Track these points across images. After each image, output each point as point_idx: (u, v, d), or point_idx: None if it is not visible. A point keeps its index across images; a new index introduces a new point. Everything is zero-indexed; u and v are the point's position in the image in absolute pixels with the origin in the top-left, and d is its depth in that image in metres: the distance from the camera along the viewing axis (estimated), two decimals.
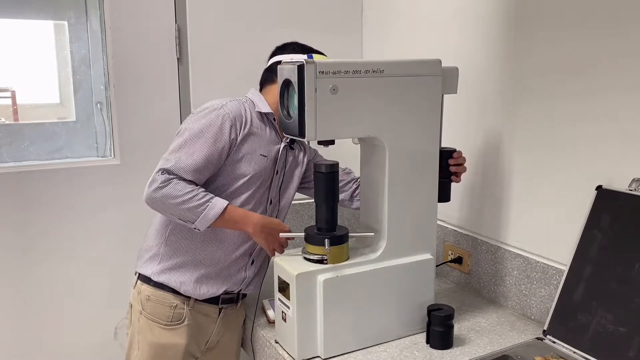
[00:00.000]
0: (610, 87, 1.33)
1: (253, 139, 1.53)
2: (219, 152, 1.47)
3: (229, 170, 1.51)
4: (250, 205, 1.54)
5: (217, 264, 1.54)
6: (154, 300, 1.53)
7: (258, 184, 1.54)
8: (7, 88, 1.96)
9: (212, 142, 1.46)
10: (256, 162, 1.52)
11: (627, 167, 1.31)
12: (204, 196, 1.43)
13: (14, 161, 1.89)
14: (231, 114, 1.49)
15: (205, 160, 1.45)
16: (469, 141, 1.75)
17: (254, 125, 1.53)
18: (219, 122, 1.47)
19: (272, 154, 1.56)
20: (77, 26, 1.94)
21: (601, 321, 1.27)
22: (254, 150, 1.52)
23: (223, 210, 1.43)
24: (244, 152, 1.51)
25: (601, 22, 1.34)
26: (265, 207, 1.59)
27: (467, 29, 1.74)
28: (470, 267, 1.78)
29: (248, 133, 1.51)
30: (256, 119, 1.55)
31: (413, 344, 1.44)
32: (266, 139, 1.55)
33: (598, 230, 1.33)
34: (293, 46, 1.66)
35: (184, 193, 1.41)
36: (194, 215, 1.42)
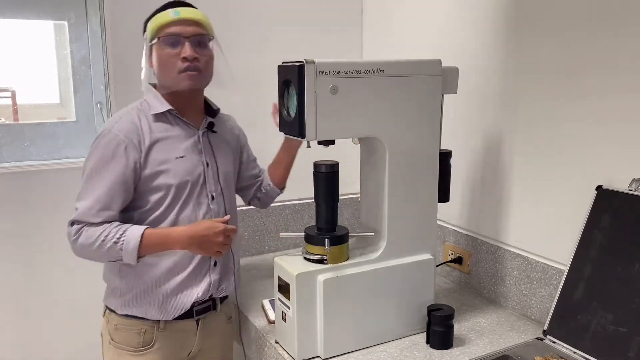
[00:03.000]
0: (610, 87, 1.33)
1: (161, 146, 1.43)
2: (123, 180, 1.39)
3: (150, 189, 1.42)
4: (189, 212, 1.46)
5: (177, 278, 1.47)
6: (122, 329, 1.47)
7: (189, 188, 1.46)
8: (7, 88, 1.96)
9: (110, 174, 1.38)
10: (176, 169, 1.43)
11: (627, 167, 1.31)
12: (116, 233, 1.37)
13: (14, 161, 1.89)
14: (121, 134, 1.39)
15: (108, 196, 1.38)
16: (469, 141, 1.75)
17: (156, 131, 1.43)
18: (110, 151, 1.38)
19: (191, 149, 1.47)
20: (77, 26, 1.94)
21: (601, 321, 1.27)
22: (167, 157, 1.43)
23: (140, 241, 1.37)
24: (156, 165, 1.42)
25: (601, 23, 1.34)
26: (208, 205, 1.50)
27: (467, 29, 1.74)
28: (470, 267, 1.78)
29: (152, 143, 1.42)
30: (157, 122, 1.44)
31: (413, 344, 1.44)
32: (178, 138, 1.46)
33: (598, 230, 1.33)
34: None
35: (96, 238, 1.36)
36: (117, 254, 1.37)
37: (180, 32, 1.40)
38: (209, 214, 1.50)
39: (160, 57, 1.42)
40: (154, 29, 1.42)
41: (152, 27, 1.42)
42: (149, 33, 1.43)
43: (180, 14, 1.40)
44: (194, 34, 1.42)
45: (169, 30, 1.40)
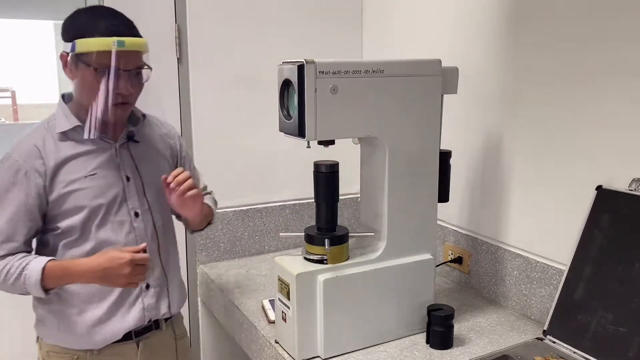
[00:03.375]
0: (610, 87, 1.33)
1: (70, 166, 1.33)
2: (25, 210, 1.30)
3: (61, 214, 1.33)
4: (109, 232, 1.37)
5: (103, 305, 1.38)
6: (54, 355, 1.41)
7: (105, 207, 1.36)
8: (7, 88, 1.96)
9: (10, 204, 1.30)
10: (87, 188, 1.33)
11: (627, 167, 1.31)
12: (18, 267, 1.29)
13: None
14: (20, 159, 1.30)
15: (10, 227, 1.30)
16: (469, 141, 1.75)
17: (63, 151, 1.33)
18: (9, 178, 1.30)
19: (106, 165, 1.36)
20: None
21: (601, 321, 1.27)
22: (76, 177, 1.33)
23: (42, 275, 1.27)
24: (63, 187, 1.32)
25: (602, 23, 1.33)
26: (131, 224, 1.40)
27: (468, 29, 1.74)
28: (470, 267, 1.78)
29: (58, 164, 1.32)
30: (65, 140, 1.34)
31: (413, 344, 1.44)
32: (90, 154, 1.35)
33: (598, 230, 1.33)
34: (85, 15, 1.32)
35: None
36: (23, 289, 1.30)
37: (121, 65, 1.27)
38: (133, 233, 1.40)
39: (87, 82, 1.29)
40: (88, 50, 1.25)
41: (87, 48, 1.25)
42: (80, 47, 1.26)
43: (125, 46, 1.26)
44: (134, 67, 1.31)
45: (108, 62, 1.26)
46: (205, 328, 2.13)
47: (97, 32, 1.26)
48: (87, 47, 1.25)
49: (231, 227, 2.09)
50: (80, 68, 1.28)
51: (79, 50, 1.26)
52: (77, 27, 1.28)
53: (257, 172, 2.12)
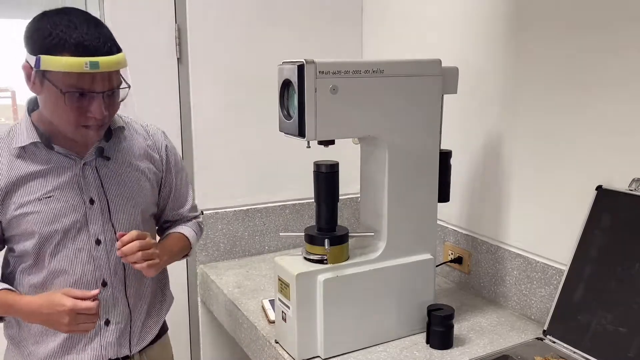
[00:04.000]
0: (610, 87, 1.33)
1: (24, 187, 1.20)
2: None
3: (13, 238, 1.23)
4: (64, 262, 1.24)
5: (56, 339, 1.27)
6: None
7: (60, 235, 1.23)
8: (7, 88, 1.96)
9: None
10: (40, 213, 1.20)
11: (627, 167, 1.31)
12: None
13: None
14: None
15: None
16: (469, 141, 1.75)
17: (18, 169, 1.20)
18: None
19: (66, 185, 1.22)
20: None
21: (601, 321, 1.27)
22: (29, 200, 1.20)
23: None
24: (15, 210, 1.20)
25: (602, 23, 1.34)
26: (90, 253, 1.26)
27: (468, 28, 1.74)
28: (470, 267, 1.78)
29: (11, 184, 1.19)
30: (22, 156, 1.21)
31: (413, 344, 1.44)
32: (49, 173, 1.21)
33: (598, 230, 1.33)
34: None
35: None
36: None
37: (95, 87, 1.12)
38: (91, 263, 1.26)
39: (53, 103, 1.13)
40: (56, 69, 1.08)
41: (54, 67, 1.08)
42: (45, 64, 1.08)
43: (99, 67, 1.09)
44: (109, 88, 1.15)
45: (79, 84, 1.10)
46: (205, 328, 2.13)
47: (66, 48, 1.08)
48: (53, 67, 1.08)
49: (231, 227, 2.09)
50: (45, 86, 1.12)
51: (44, 68, 1.09)
52: (43, 38, 1.09)
53: (257, 172, 2.12)
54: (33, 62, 1.11)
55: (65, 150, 1.23)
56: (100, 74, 1.11)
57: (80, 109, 1.13)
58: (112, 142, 1.29)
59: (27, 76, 1.15)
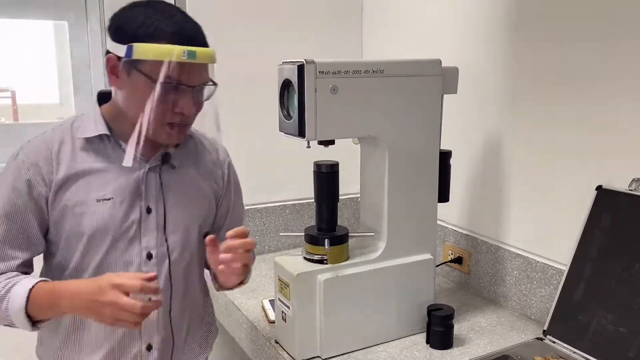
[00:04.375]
0: (610, 87, 1.33)
1: (82, 183, 1.10)
2: (23, 220, 1.08)
3: (58, 235, 1.12)
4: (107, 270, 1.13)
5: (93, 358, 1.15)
6: None
7: (109, 241, 1.12)
8: (7, 88, 1.96)
9: (6, 211, 1.08)
10: (93, 214, 1.10)
11: (627, 167, 1.31)
12: (3, 287, 1.06)
13: None
14: (27, 160, 1.08)
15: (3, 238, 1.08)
16: (469, 141, 1.75)
17: (79, 161, 1.10)
18: (10, 181, 1.08)
19: (125, 189, 1.13)
20: (77, 26, 1.94)
21: (601, 321, 1.27)
22: (84, 198, 1.10)
23: (27, 300, 1.04)
24: (68, 208, 1.09)
25: (602, 23, 1.33)
26: (139, 269, 1.15)
27: (468, 28, 1.74)
28: (470, 267, 1.78)
29: (67, 177, 1.09)
30: (86, 149, 1.12)
31: (413, 344, 1.44)
32: (110, 172, 1.12)
33: (598, 230, 1.33)
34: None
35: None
36: (7, 319, 1.07)
37: (188, 80, 1.06)
38: None
39: (141, 95, 1.05)
40: (150, 59, 1.03)
41: (148, 55, 1.03)
42: (139, 53, 1.03)
43: (197, 58, 1.04)
44: (201, 83, 1.10)
45: (173, 74, 1.03)
46: None
47: (162, 37, 1.02)
48: (148, 55, 1.02)
49: None
50: (133, 77, 1.06)
51: (137, 57, 1.03)
52: (136, 27, 1.03)
53: (257, 172, 2.12)
54: (122, 52, 1.04)
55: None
56: (195, 66, 1.06)
57: (169, 104, 1.06)
58: (178, 150, 1.20)
59: (111, 68, 1.08)
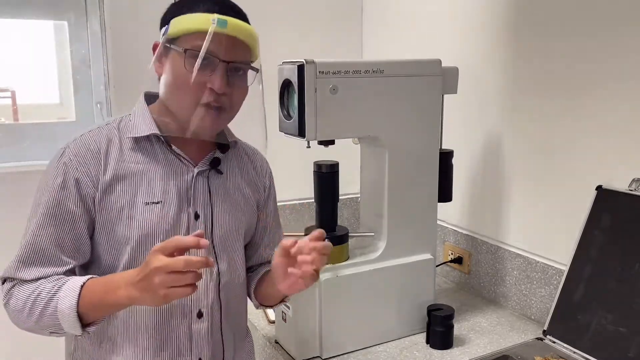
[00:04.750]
0: (610, 87, 1.33)
1: (130, 185, 1.04)
2: (72, 222, 1.01)
3: (104, 239, 1.05)
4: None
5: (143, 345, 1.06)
6: None
7: None
8: (7, 88, 1.96)
9: (54, 213, 1.01)
10: (142, 219, 1.03)
11: (627, 167, 1.31)
12: (51, 289, 0.98)
13: (14, 161, 1.89)
14: (75, 158, 1.02)
15: (49, 242, 1.01)
16: (469, 141, 1.75)
17: (128, 162, 1.04)
18: (57, 180, 1.01)
19: (175, 193, 1.06)
20: (77, 26, 1.94)
21: (601, 321, 1.27)
22: (133, 201, 1.03)
23: (78, 297, 0.96)
24: (112, 208, 1.03)
25: (602, 23, 1.34)
26: None
27: (468, 28, 1.74)
28: (470, 267, 1.78)
29: (115, 178, 1.03)
30: (135, 149, 1.06)
31: (413, 344, 1.44)
32: (159, 175, 1.06)
33: (598, 230, 1.33)
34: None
35: (26, 300, 0.99)
36: (54, 322, 0.98)
37: (218, 52, 0.99)
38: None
39: (175, 72, 1.01)
40: (183, 30, 1.00)
41: (181, 26, 1.00)
42: (173, 29, 1.00)
43: (227, 27, 0.98)
44: (235, 59, 1.02)
45: (204, 44, 0.98)
46: None
47: (195, 8, 1.00)
48: (180, 26, 0.99)
49: None
50: (170, 56, 1.01)
51: (171, 32, 1.00)
52: (173, 6, 1.03)
53: None
54: (162, 35, 1.03)
55: (182, 152, 1.08)
56: (229, 40, 0.99)
57: (200, 78, 0.99)
58: (225, 156, 1.15)
59: (156, 56, 1.04)
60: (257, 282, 1.22)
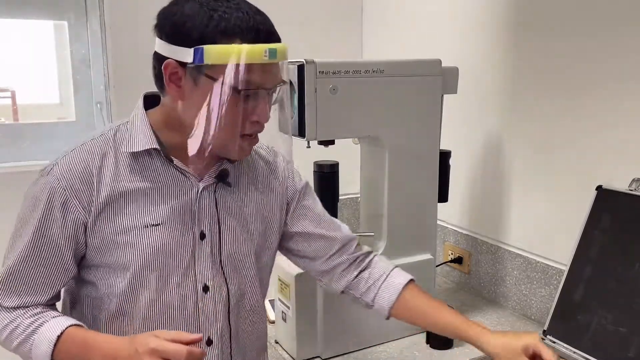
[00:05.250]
0: (610, 87, 1.33)
1: (126, 205, 0.94)
2: (55, 250, 0.93)
3: (97, 265, 0.96)
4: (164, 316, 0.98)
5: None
6: None
7: (162, 274, 0.96)
8: (7, 88, 1.96)
9: (36, 240, 0.92)
10: (141, 243, 0.94)
11: (627, 167, 1.31)
12: (26, 327, 0.92)
13: (14, 161, 1.89)
14: (63, 179, 0.91)
15: (28, 268, 0.93)
16: (469, 141, 1.75)
17: (124, 180, 0.94)
18: (41, 203, 0.92)
19: (178, 212, 0.96)
20: (77, 26, 1.94)
21: (601, 321, 1.26)
22: (132, 224, 0.94)
23: (53, 347, 0.89)
24: (107, 233, 0.93)
25: (601, 24, 1.33)
26: (196, 305, 0.99)
27: (468, 28, 1.74)
28: (470, 267, 1.78)
29: (110, 198, 0.93)
30: (132, 164, 0.95)
31: (413, 344, 1.43)
32: (159, 192, 0.96)
33: (598, 230, 1.33)
34: None
35: (2, 328, 0.93)
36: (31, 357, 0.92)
37: (265, 83, 0.91)
38: (198, 316, 0.99)
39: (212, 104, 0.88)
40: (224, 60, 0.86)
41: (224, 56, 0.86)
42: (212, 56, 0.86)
43: (277, 57, 0.91)
44: (276, 83, 0.94)
45: (254, 78, 0.88)
46: None
47: (237, 34, 0.87)
48: (224, 58, 0.86)
49: None
50: (202, 85, 0.88)
51: (209, 61, 0.86)
52: (203, 25, 0.86)
53: None
54: (187, 56, 0.87)
55: (185, 166, 0.97)
56: (272, 67, 0.91)
57: (247, 113, 0.90)
58: (234, 165, 1.03)
59: (171, 76, 0.90)
60: (405, 298, 1.13)
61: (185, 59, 0.88)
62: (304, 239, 1.15)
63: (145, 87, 2.00)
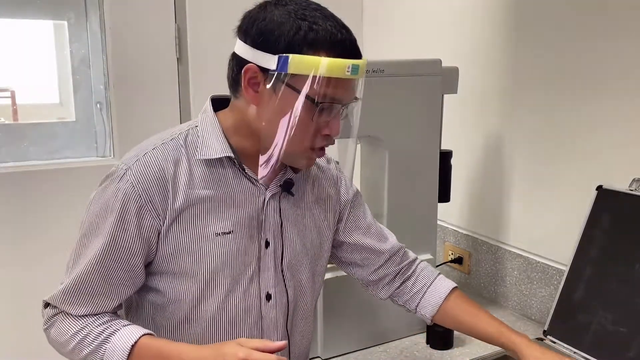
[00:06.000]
0: (610, 87, 1.33)
1: (199, 212, 0.94)
2: (127, 257, 0.92)
3: (165, 272, 0.95)
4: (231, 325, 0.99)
5: None
6: None
7: (228, 287, 0.97)
8: (7, 88, 1.96)
9: (108, 245, 0.91)
10: (211, 251, 0.95)
11: (627, 167, 1.31)
12: (98, 335, 0.91)
13: (14, 161, 1.89)
14: (138, 186, 0.90)
15: (97, 277, 0.92)
16: (469, 141, 1.75)
17: (198, 187, 0.93)
18: (115, 209, 0.90)
19: (246, 220, 0.97)
20: (77, 26, 1.94)
21: (601, 321, 1.26)
22: (201, 231, 0.94)
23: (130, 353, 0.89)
24: (179, 241, 0.93)
25: (602, 23, 1.33)
26: (259, 313, 1.00)
27: (468, 28, 1.74)
28: (470, 267, 1.78)
29: (185, 205, 0.92)
30: (203, 172, 0.94)
31: (413, 344, 1.43)
32: (230, 200, 0.96)
33: (598, 230, 1.33)
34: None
35: (70, 337, 0.92)
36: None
37: (342, 98, 0.91)
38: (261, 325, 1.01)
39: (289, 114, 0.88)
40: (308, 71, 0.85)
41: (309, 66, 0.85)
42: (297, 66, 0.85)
43: (358, 74, 0.89)
44: (351, 98, 0.94)
45: (334, 93, 0.88)
46: None
47: (324, 47, 0.86)
48: (308, 69, 0.85)
49: None
50: (281, 94, 0.87)
51: (293, 71, 0.85)
52: (292, 34, 0.86)
53: None
54: (271, 64, 0.86)
55: (255, 174, 0.96)
56: (353, 81, 0.92)
57: (320, 125, 0.91)
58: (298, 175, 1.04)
59: (249, 80, 0.90)
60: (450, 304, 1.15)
61: (267, 66, 0.87)
62: (353, 249, 1.16)
63: (146, 86, 2.00)
